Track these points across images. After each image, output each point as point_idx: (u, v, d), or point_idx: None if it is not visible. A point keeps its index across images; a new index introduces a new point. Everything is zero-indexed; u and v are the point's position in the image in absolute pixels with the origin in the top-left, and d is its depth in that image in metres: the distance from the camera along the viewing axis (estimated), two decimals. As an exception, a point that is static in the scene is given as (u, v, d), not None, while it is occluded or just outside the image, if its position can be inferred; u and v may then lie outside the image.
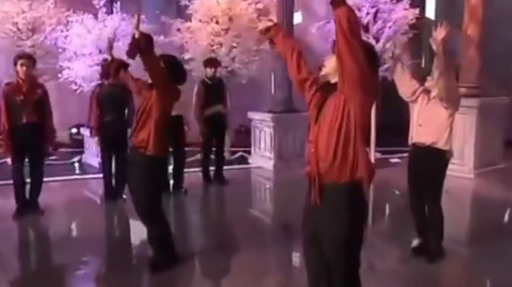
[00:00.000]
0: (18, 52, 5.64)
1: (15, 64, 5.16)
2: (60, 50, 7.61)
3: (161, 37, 7.23)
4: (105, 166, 5.92)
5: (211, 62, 6.72)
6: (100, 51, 6.83)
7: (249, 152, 8.55)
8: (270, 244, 4.87)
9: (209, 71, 6.62)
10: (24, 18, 7.79)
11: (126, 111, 5.79)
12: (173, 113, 4.54)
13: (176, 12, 8.46)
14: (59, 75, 7.10)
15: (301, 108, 8.29)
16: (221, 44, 7.78)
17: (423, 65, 10.92)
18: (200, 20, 8.02)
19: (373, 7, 7.72)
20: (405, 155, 5.40)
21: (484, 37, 7.60)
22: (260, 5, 8.14)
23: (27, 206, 5.38)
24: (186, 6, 8.08)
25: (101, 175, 6.19)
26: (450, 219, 5.64)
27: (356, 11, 7.72)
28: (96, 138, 5.79)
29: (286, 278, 4.09)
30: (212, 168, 6.94)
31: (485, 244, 4.70)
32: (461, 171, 7.28)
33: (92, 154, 7.82)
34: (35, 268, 4.54)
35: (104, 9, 7.01)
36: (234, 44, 7.79)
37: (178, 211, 5.97)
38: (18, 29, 7.81)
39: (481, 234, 5.07)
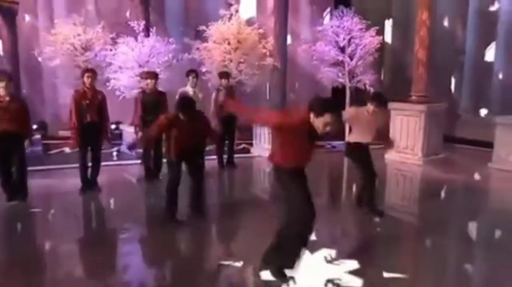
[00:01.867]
0: (85, 67, 5.85)
1: (82, 76, 5.46)
2: (105, 64, 7.82)
3: (186, 55, 7.49)
4: (146, 154, 6.18)
5: (225, 74, 7.00)
6: (140, 66, 7.05)
7: (250, 144, 8.76)
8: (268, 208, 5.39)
9: (223, 81, 6.89)
10: (79, 39, 8.01)
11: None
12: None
13: (194, 35, 8.64)
14: (107, 84, 7.30)
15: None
16: (231, 60, 8.06)
17: (382, 78, 11.24)
18: (214, 41, 8.25)
19: (348, 34, 8.09)
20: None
21: (430, 58, 7.99)
22: (261, 30, 8.38)
23: (89, 184, 5.66)
24: (204, 31, 8.30)
25: (137, 161, 6.54)
26: (405, 191, 6.42)
27: (335, 37, 8.21)
28: (139, 134, 6.01)
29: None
30: (224, 156, 7.23)
31: (428, 206, 5.50)
32: (413, 159, 7.84)
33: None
34: (95, 229, 5.00)
35: (142, 33, 7.19)
36: (241, 60, 8.08)
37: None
38: (75, 48, 8.02)
39: (426, 200, 5.85)
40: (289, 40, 9.39)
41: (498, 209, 5.45)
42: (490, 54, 11.38)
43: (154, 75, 5.99)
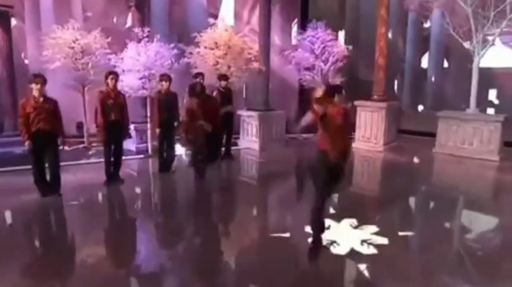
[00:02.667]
0: (110, 69, 5.76)
1: (106, 78, 5.46)
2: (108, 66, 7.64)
3: (186, 59, 7.59)
4: (161, 148, 6.23)
5: (224, 76, 7.22)
6: (146, 69, 7.01)
7: (236, 138, 8.90)
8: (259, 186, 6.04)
9: (222, 83, 7.11)
10: (79, 44, 7.72)
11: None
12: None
13: (188, 41, 8.69)
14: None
15: (276, 108, 9.13)
16: (221, 64, 8.21)
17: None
18: (205, 47, 8.36)
19: (322, 43, 8.68)
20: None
21: (387, 65, 8.84)
22: (247, 39, 8.66)
23: (112, 177, 5.63)
24: (195, 37, 8.39)
25: (141, 156, 6.58)
26: (370, 173, 7.19)
27: (311, 45, 8.75)
28: (157, 130, 6.04)
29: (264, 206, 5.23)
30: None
31: (394, 180, 6.45)
32: (376, 147, 8.64)
33: (132, 142, 7.86)
34: (118, 215, 5.10)
35: (146, 39, 7.13)
36: (231, 64, 8.27)
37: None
38: (75, 51, 7.71)
39: (393, 176, 6.82)
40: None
41: (440, 181, 6.57)
42: (424, 62, 12.82)
43: (168, 78, 6.07)
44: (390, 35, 12.50)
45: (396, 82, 12.83)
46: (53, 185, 4.93)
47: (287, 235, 3.84)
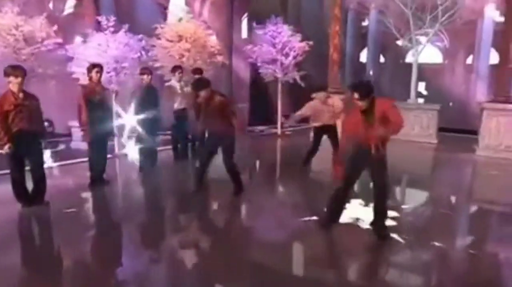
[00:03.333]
0: (93, 62, 5.24)
1: (90, 71, 4.98)
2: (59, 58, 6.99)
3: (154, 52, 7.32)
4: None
5: (198, 70, 7.12)
6: (116, 61, 6.58)
7: None
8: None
9: (197, 77, 7.02)
10: (21, 31, 6.88)
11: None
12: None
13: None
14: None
15: (239, 101, 9.33)
16: (187, 57, 8.13)
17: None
18: (167, 39, 8.18)
19: (283, 38, 9.12)
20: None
21: (341, 60, 9.64)
22: (209, 31, 8.66)
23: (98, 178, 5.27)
24: (155, 28, 8.15)
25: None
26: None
27: (273, 40, 9.12)
28: None
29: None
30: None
31: None
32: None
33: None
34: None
35: (112, 29, 6.66)
36: (197, 58, 8.21)
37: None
38: (16, 39, 6.85)
39: None
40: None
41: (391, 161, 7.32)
42: (363, 56, 14.12)
43: (150, 71, 5.85)
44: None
45: (339, 75, 13.88)
46: (37, 193, 4.43)
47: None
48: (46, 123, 4.86)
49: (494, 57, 12.89)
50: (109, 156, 6.36)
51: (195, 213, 4.59)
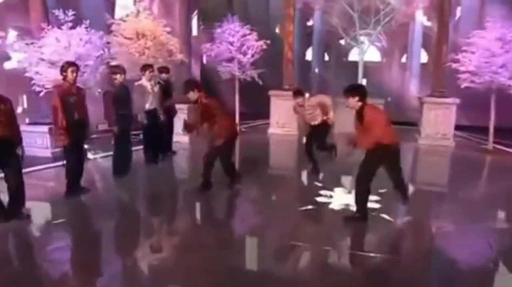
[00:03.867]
0: (68, 61, 4.84)
1: (65, 70, 4.62)
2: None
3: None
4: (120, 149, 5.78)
5: (165, 69, 7.03)
6: (78, 59, 6.16)
7: None
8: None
9: (163, 75, 6.95)
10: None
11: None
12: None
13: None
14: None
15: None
16: (147, 55, 7.94)
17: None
18: (125, 37, 7.90)
19: (242, 36, 9.32)
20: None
21: (294, 59, 10.14)
22: (168, 29, 8.50)
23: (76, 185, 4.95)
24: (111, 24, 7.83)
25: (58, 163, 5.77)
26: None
27: (231, 38, 9.33)
28: (115, 128, 5.55)
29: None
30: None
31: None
32: (292, 131, 9.86)
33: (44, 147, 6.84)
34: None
35: (70, 24, 6.22)
36: (157, 55, 8.05)
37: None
38: None
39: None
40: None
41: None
42: (309, 55, 14.90)
43: (123, 70, 5.63)
44: (277, 30, 14.11)
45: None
46: (15, 205, 4.07)
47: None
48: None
49: (424, 57, 14.79)
50: (57, 163, 5.94)
51: (179, 216, 4.61)
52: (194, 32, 12.34)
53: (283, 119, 10.05)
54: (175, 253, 3.63)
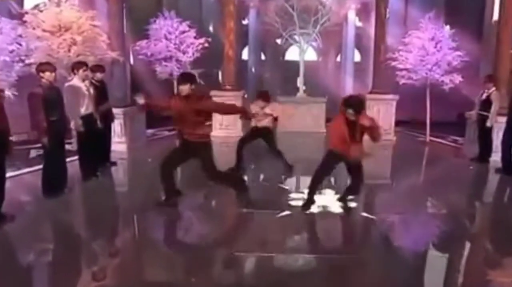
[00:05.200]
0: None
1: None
2: None
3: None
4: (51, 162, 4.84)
5: (100, 68, 6.16)
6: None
7: None
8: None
9: (98, 75, 6.08)
10: None
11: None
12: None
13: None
14: None
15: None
16: (75, 52, 6.93)
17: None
18: (43, 29, 6.79)
19: (182, 33, 8.72)
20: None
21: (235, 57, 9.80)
22: (97, 22, 7.50)
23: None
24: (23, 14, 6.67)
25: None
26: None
27: (168, 35, 8.71)
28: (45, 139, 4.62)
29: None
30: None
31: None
32: (235, 133, 9.49)
33: None
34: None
35: None
36: (88, 53, 7.07)
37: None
38: None
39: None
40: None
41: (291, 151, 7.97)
42: (245, 54, 14.65)
43: (53, 67, 4.69)
44: (211, 29, 13.62)
45: (220, 73, 14.13)
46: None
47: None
48: None
49: (357, 56, 15.65)
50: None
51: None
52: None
53: (227, 120, 9.66)
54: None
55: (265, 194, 5.12)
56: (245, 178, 5.09)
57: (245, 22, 14.78)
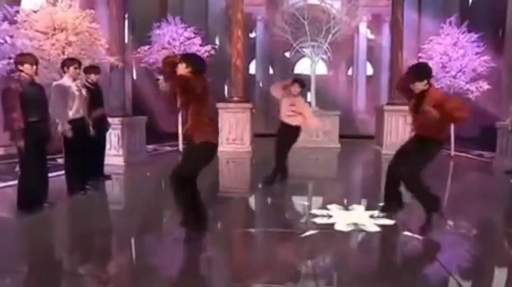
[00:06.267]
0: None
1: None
2: None
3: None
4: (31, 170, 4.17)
5: (95, 69, 5.61)
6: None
7: None
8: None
9: (92, 76, 5.51)
10: None
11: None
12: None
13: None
14: None
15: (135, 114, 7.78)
16: (69, 54, 6.39)
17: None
18: (36, 30, 6.29)
19: (187, 40, 8.23)
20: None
21: (243, 68, 9.30)
22: (95, 25, 7.02)
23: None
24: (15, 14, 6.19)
25: None
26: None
27: (172, 41, 8.17)
28: (21, 143, 3.97)
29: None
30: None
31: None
32: (242, 148, 8.79)
33: None
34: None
35: None
36: (84, 56, 6.54)
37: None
38: None
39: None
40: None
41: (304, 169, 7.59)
42: (252, 68, 14.26)
43: (35, 60, 4.10)
44: (217, 41, 13.23)
45: (226, 87, 13.61)
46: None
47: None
48: None
49: (369, 70, 15.15)
50: None
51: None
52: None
53: (233, 134, 9.02)
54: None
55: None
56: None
57: (252, 35, 14.46)
